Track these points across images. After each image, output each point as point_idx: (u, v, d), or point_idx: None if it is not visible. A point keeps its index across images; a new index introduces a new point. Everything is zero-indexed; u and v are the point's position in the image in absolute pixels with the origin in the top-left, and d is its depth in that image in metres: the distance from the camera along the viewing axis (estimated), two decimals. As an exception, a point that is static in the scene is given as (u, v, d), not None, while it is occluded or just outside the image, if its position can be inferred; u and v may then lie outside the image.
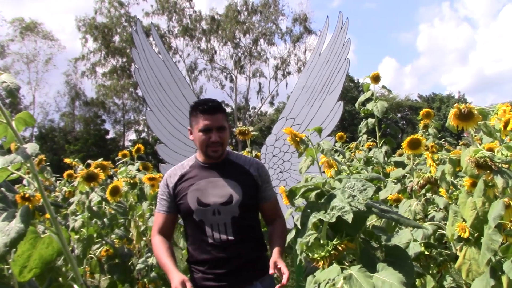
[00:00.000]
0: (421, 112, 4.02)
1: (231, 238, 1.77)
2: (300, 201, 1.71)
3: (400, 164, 2.76)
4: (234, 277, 1.77)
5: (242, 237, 1.79)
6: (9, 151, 1.55)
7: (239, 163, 1.89)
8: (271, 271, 1.63)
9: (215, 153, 1.81)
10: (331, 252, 1.16)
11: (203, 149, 1.83)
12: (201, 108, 1.80)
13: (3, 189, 1.72)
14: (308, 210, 1.27)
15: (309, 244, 1.22)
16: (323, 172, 2.22)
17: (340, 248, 1.17)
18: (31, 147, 1.43)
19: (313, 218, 1.21)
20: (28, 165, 1.58)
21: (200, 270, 1.81)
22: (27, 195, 2.05)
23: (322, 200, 1.30)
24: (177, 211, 1.88)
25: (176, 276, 1.63)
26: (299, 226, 1.29)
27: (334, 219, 1.15)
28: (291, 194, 1.47)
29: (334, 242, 1.18)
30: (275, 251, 1.71)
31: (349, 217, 1.12)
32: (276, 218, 1.94)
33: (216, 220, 1.77)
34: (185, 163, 1.92)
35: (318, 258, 1.19)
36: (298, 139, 2.06)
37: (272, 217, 1.94)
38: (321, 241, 1.21)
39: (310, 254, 1.21)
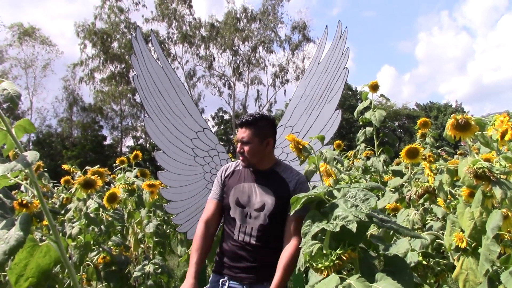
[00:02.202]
0: (418, 121, 4.03)
1: (253, 242, 1.93)
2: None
3: (398, 173, 2.76)
4: (248, 274, 1.93)
5: (263, 244, 1.93)
6: (8, 158, 1.55)
7: (282, 176, 2.00)
8: None
9: (243, 162, 2.02)
10: (335, 262, 1.17)
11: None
12: (237, 123, 2.05)
13: (1, 195, 1.72)
14: (310, 220, 1.27)
15: (313, 254, 1.22)
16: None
17: (343, 258, 1.17)
18: (31, 155, 1.43)
19: (316, 228, 1.22)
20: (26, 171, 1.58)
21: (222, 258, 2.01)
22: (25, 202, 2.05)
23: (324, 209, 1.30)
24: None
25: (185, 283, 1.84)
26: (301, 236, 1.29)
27: (338, 229, 1.15)
28: (292, 204, 1.47)
29: (338, 251, 1.18)
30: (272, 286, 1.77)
31: (353, 226, 1.12)
32: (291, 239, 1.86)
33: (246, 222, 1.95)
34: (241, 161, 2.09)
35: (322, 268, 1.19)
36: (301, 147, 2.07)
37: (289, 234, 1.88)
38: (324, 251, 1.21)
39: (314, 264, 1.21)
